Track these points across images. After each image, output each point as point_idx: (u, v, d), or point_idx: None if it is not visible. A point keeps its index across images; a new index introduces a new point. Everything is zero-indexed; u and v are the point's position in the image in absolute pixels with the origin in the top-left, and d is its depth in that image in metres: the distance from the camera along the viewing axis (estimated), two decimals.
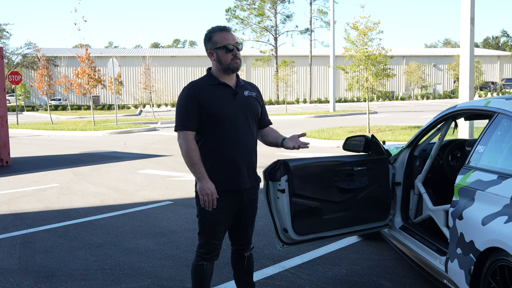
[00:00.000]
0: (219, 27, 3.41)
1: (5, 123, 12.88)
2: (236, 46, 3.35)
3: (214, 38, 3.36)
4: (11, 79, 27.95)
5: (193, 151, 3.29)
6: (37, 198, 8.62)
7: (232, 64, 3.35)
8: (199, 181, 3.29)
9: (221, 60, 3.35)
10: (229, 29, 3.40)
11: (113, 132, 22.74)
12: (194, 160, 3.28)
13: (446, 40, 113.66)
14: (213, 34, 3.37)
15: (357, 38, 17.30)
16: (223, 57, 3.34)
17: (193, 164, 3.28)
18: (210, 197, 3.26)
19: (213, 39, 3.36)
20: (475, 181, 3.45)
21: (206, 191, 3.26)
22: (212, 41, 3.37)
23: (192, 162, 3.28)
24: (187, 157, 3.29)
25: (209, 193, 3.26)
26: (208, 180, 3.28)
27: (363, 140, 4.80)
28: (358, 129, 19.09)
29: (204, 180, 3.28)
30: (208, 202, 3.27)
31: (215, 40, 3.35)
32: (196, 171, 3.28)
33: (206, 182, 3.28)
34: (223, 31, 3.37)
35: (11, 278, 4.82)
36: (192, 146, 3.30)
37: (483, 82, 64.30)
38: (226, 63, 3.35)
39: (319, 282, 4.54)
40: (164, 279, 4.70)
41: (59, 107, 53.37)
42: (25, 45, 67.99)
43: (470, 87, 12.78)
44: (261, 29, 58.06)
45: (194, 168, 3.28)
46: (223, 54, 3.34)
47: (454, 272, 3.52)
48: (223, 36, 3.34)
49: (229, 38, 3.34)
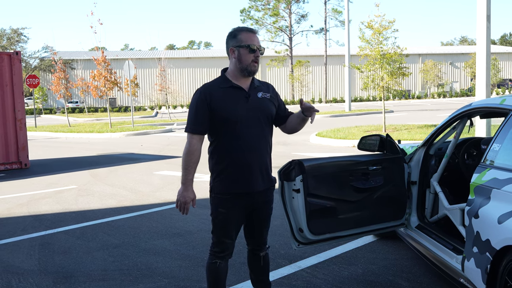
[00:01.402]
0: (247, 28, 3.43)
1: (24, 126, 13.05)
2: (259, 49, 3.36)
3: (240, 36, 3.36)
4: (29, 83, 28.27)
5: (191, 155, 3.34)
6: (55, 200, 8.72)
7: (250, 66, 3.34)
8: (182, 186, 3.37)
9: (241, 59, 3.35)
10: (256, 32, 3.42)
11: (130, 134, 22.90)
12: (188, 164, 3.35)
13: (463, 38, 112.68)
14: (239, 33, 3.38)
15: (372, 37, 17.21)
16: (245, 56, 3.34)
17: (186, 167, 3.35)
18: (184, 205, 3.37)
19: (238, 37, 3.36)
20: (491, 180, 3.44)
21: (185, 198, 3.37)
22: (237, 39, 3.37)
23: (186, 165, 3.35)
24: (184, 159, 3.36)
25: (185, 202, 3.37)
26: (190, 189, 3.38)
27: (378, 139, 4.80)
28: (373, 128, 19.01)
29: (186, 187, 3.36)
30: (181, 208, 3.38)
31: (240, 38, 3.36)
32: (185, 175, 3.36)
33: (187, 190, 3.37)
34: (250, 32, 3.39)
35: (31, 278, 4.89)
36: (193, 150, 3.34)
37: (501, 80, 63.66)
38: (245, 63, 3.34)
39: (335, 281, 4.55)
40: (181, 279, 4.74)
41: (76, 109, 53.87)
42: (42, 49, 68.73)
43: (487, 84, 12.66)
44: (276, 29, 58.04)
45: (185, 171, 3.36)
46: (245, 53, 3.33)
47: (471, 271, 3.50)
48: (249, 36, 3.36)
49: (255, 39, 3.36)
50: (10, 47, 67.12)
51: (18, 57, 12.92)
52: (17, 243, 6.14)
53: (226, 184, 3.38)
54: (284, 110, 3.65)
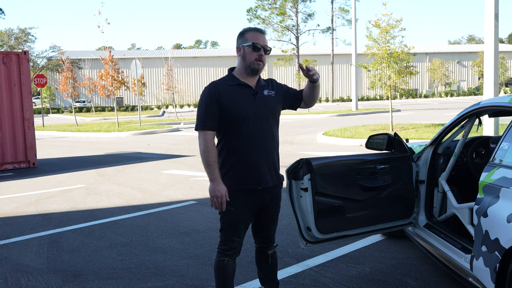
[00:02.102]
0: (255, 28, 3.48)
1: (32, 126, 13.12)
2: (263, 47, 3.39)
3: (246, 35, 3.42)
4: (37, 82, 28.38)
5: (210, 151, 3.34)
6: (63, 198, 8.76)
7: (254, 64, 3.38)
8: (211, 182, 3.34)
9: (245, 57, 3.40)
10: (263, 32, 3.46)
11: (137, 133, 22.97)
12: (210, 160, 3.34)
13: (470, 37, 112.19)
14: (247, 32, 3.44)
15: (379, 35, 17.16)
16: (249, 54, 3.38)
17: (209, 164, 3.34)
18: (220, 200, 3.32)
19: (245, 35, 3.42)
20: (499, 178, 3.43)
21: (216, 193, 3.32)
22: (243, 37, 3.43)
23: (208, 162, 3.34)
24: (204, 157, 3.35)
25: (219, 196, 3.32)
26: (220, 183, 3.34)
27: (386, 138, 4.79)
28: (381, 127, 18.97)
29: (216, 182, 3.33)
30: (217, 204, 3.34)
31: (246, 36, 3.42)
32: (210, 172, 3.34)
33: (217, 184, 3.33)
34: (256, 32, 3.43)
35: (40, 277, 4.92)
36: (210, 146, 3.35)
37: (508, 78, 63.33)
38: (249, 61, 3.38)
39: (343, 280, 4.54)
40: (189, 278, 4.75)
41: (83, 109, 54.07)
42: (50, 48, 69.00)
43: (495, 83, 12.62)
44: (283, 28, 58.02)
45: (209, 168, 3.34)
46: (249, 51, 3.38)
47: (479, 270, 3.49)
48: (255, 36, 3.40)
49: (260, 38, 3.40)
50: (18, 47, 67.45)
51: (26, 57, 12.98)
52: (26, 241, 6.18)
53: (234, 181, 3.39)
54: (295, 91, 3.67)
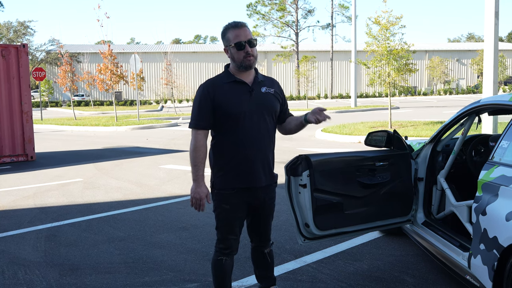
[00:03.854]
0: (232, 24, 3.33)
1: (30, 119, 13.09)
2: (248, 42, 3.27)
3: (227, 35, 3.32)
4: (35, 75, 28.34)
5: (199, 151, 3.31)
6: (61, 192, 8.75)
7: (244, 61, 3.29)
8: (194, 183, 3.34)
9: (234, 57, 3.31)
10: (242, 25, 3.31)
11: (135, 128, 22.94)
12: (196, 160, 3.32)
13: (470, 35, 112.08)
14: (227, 31, 3.32)
15: (379, 33, 17.12)
16: (235, 54, 3.29)
17: (195, 164, 3.33)
18: (199, 202, 3.33)
19: (227, 36, 3.32)
20: (499, 177, 3.42)
21: (196, 195, 3.33)
22: (225, 38, 3.33)
23: (195, 162, 3.33)
24: (192, 156, 3.32)
25: (198, 198, 3.33)
26: (202, 184, 3.34)
27: (385, 135, 4.78)
28: (379, 124, 18.96)
29: (198, 183, 3.33)
30: (196, 205, 3.35)
31: (228, 37, 3.31)
32: (194, 172, 3.33)
33: (199, 186, 3.33)
34: (235, 28, 3.29)
35: (37, 270, 4.91)
36: (200, 146, 3.32)
37: (508, 77, 63.32)
38: (239, 61, 3.30)
39: (341, 277, 4.54)
40: (186, 273, 4.75)
41: (82, 103, 53.95)
42: (49, 42, 68.82)
43: (494, 82, 12.61)
44: (282, 24, 57.90)
45: (194, 168, 3.33)
46: (235, 52, 3.29)
47: (477, 268, 3.49)
48: (235, 34, 3.27)
49: (241, 35, 3.27)
50: (17, 40, 67.24)
51: (25, 50, 12.95)
52: (23, 235, 6.17)
53: (228, 179, 3.36)
54: (285, 110, 3.63)
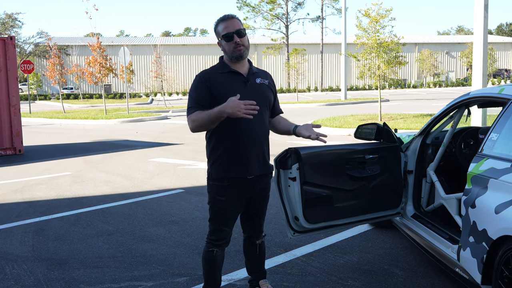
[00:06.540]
0: (222, 17, 3.40)
1: (18, 112, 12.96)
2: (236, 33, 3.31)
3: (218, 29, 3.39)
4: (24, 68, 28.08)
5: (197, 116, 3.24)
6: (49, 186, 8.68)
7: (235, 52, 3.34)
8: (218, 111, 3.16)
9: (225, 49, 3.38)
10: (230, 17, 3.37)
11: (125, 121, 22.83)
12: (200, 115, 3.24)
13: (459, 27, 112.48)
14: (218, 25, 3.39)
15: (369, 25, 17.12)
16: (226, 46, 3.35)
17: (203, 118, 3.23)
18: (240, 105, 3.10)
19: (217, 29, 3.39)
20: (488, 169, 3.42)
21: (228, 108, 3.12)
22: (217, 32, 3.41)
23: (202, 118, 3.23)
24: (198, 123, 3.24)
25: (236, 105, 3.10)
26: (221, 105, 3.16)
27: (375, 128, 4.77)
28: (369, 117, 19.00)
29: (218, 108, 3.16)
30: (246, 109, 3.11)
31: (218, 30, 3.39)
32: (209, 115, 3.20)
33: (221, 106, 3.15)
34: (224, 21, 3.36)
35: (25, 265, 4.87)
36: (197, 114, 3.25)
37: (497, 70, 63.70)
38: (229, 52, 3.36)
39: (330, 270, 4.54)
40: (175, 267, 4.72)
41: (71, 96, 53.60)
42: (37, 34, 68.39)
43: (483, 74, 12.65)
44: (272, 16, 57.74)
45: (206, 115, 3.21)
46: (225, 44, 3.36)
47: (467, 261, 3.50)
48: (224, 26, 3.34)
49: (229, 26, 3.32)
50: (5, 32, 66.55)
51: (12, 42, 12.80)
52: (11, 229, 6.11)
53: (223, 169, 3.37)
54: (276, 105, 3.65)
